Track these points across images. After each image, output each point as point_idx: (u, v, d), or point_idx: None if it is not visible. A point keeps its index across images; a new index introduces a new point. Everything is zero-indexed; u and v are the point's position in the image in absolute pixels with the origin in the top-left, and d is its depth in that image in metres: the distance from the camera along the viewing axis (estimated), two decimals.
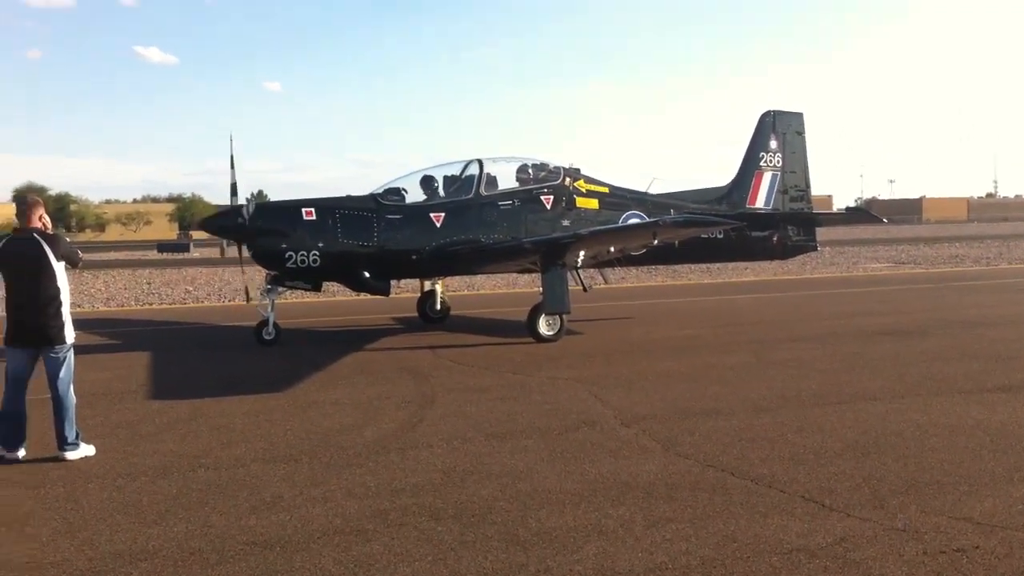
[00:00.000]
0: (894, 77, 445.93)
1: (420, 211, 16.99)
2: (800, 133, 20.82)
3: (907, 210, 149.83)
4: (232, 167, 16.80)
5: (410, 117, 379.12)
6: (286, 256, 16.10)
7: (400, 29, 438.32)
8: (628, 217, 18.26)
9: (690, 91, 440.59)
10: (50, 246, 8.68)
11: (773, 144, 20.46)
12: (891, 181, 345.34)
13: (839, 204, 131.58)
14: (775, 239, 20.11)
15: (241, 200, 16.54)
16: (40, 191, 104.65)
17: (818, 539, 6.24)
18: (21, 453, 8.68)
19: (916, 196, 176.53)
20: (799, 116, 20.91)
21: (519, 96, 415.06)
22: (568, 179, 18.07)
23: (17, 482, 7.95)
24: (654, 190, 19.58)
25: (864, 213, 35.05)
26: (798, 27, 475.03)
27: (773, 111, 20.65)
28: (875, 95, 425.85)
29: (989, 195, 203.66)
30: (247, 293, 17.78)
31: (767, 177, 20.32)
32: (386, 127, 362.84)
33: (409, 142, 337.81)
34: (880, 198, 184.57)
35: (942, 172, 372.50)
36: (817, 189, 22.76)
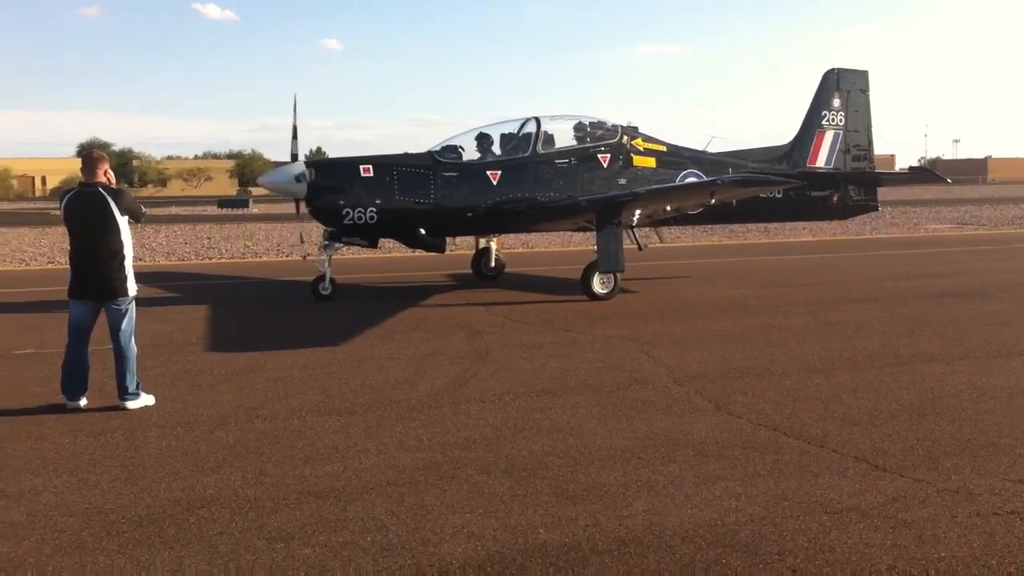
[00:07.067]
0: (961, 34, 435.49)
1: (477, 169, 17.01)
2: (864, 91, 20.41)
3: (972, 170, 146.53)
4: (295, 110, 16.79)
5: (469, 76, 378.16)
6: (343, 212, 16.21)
7: None
8: (685, 176, 18.09)
9: (755, 50, 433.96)
10: (114, 200, 8.81)
11: (836, 102, 20.09)
12: (956, 141, 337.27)
13: (902, 164, 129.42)
14: (835, 199, 19.83)
15: (301, 155, 16.52)
16: (104, 147, 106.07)
17: (870, 499, 6.20)
18: (83, 402, 8.89)
19: (981, 156, 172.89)
20: (864, 74, 20.50)
21: (583, 57, 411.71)
22: (625, 137, 17.95)
23: (79, 430, 8.14)
24: (713, 149, 19.42)
25: (928, 173, 34.19)
26: None
27: (837, 69, 20.24)
28: (941, 53, 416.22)
29: None
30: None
31: (829, 136, 20.00)
32: (445, 86, 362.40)
33: (468, 101, 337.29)
34: (944, 158, 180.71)
35: (1008, 132, 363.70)
36: (880, 148, 22.38)
